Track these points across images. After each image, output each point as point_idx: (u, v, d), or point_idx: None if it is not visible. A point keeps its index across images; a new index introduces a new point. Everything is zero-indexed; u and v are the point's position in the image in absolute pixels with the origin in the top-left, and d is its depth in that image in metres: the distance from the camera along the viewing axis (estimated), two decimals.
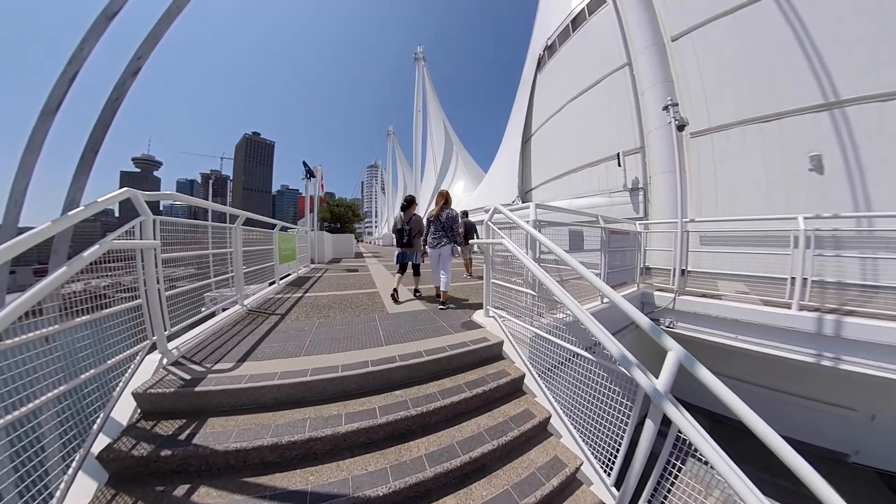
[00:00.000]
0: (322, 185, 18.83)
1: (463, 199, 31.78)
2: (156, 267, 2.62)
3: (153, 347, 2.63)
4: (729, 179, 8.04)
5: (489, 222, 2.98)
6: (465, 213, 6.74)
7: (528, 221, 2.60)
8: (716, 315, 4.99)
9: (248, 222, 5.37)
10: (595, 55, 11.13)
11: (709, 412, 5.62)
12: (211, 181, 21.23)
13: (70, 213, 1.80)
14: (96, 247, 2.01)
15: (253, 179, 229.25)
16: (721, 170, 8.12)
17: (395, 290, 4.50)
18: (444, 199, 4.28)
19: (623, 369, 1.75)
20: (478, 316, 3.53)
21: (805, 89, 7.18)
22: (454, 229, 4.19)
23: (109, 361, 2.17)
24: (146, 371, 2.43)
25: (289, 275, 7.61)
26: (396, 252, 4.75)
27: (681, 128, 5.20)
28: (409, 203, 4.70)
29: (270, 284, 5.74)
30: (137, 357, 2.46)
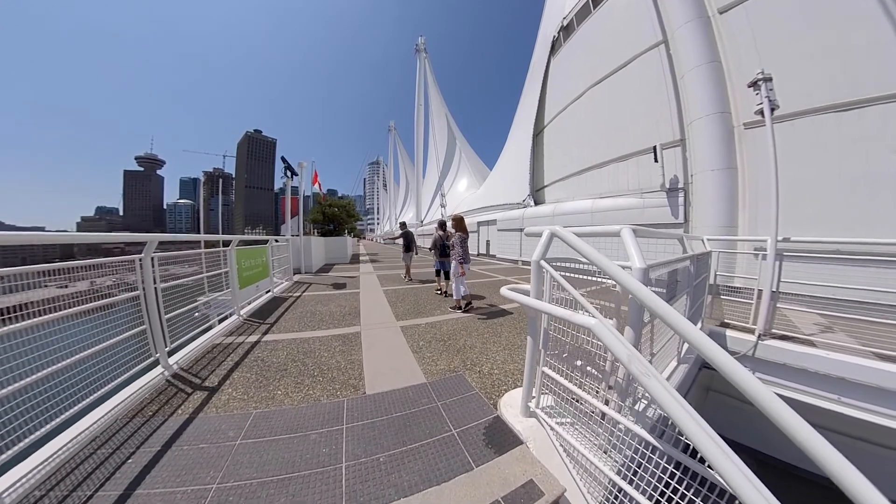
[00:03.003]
0: (318, 184, 17.51)
1: (467, 197, 30.39)
2: None
3: None
4: (793, 181, 6.61)
5: (542, 262, 1.64)
6: (443, 225, 6.61)
7: (626, 269, 1.28)
8: (814, 370, 3.65)
9: (206, 240, 4.08)
10: (622, 33, 9.64)
11: (754, 451, 4.20)
12: (200, 182, 20.05)
13: None
14: None
15: (255, 177, 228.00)
16: (783, 169, 6.67)
17: (442, 289, 6.45)
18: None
19: None
20: (510, 411, 2.18)
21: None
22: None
23: None
24: None
25: (269, 292, 6.34)
26: (437, 262, 6.45)
27: (773, 110, 3.83)
28: (441, 226, 6.42)
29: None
30: None
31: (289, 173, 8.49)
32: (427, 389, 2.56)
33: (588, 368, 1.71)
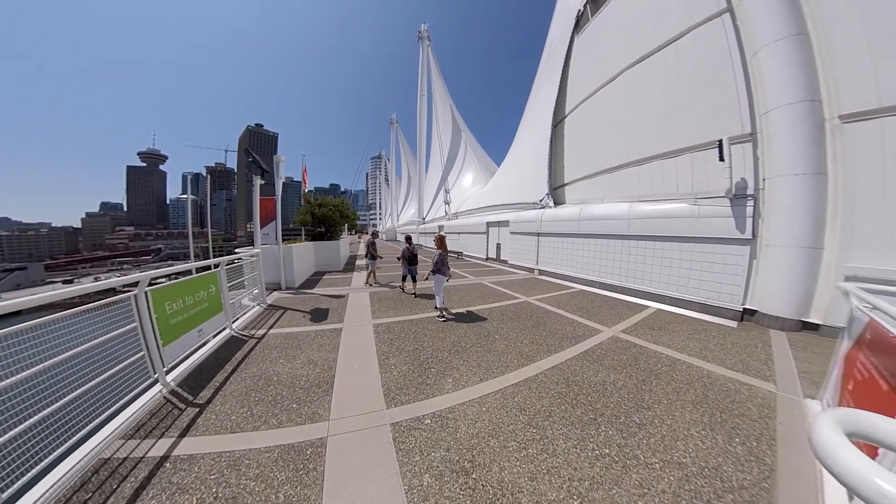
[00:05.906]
0: (305, 180, 15.92)
1: (472, 193, 28.76)
2: None
3: None
4: None
5: None
6: (409, 239, 8.26)
7: None
8: None
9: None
10: (670, 0, 7.97)
11: None
12: (189, 179, 19.12)
13: None
14: None
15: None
16: (894, 175, 5.09)
17: (402, 287, 8.29)
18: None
19: None
20: None
21: None
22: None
23: None
24: None
25: (225, 329, 4.80)
26: (405, 269, 7.85)
27: None
28: (408, 239, 8.20)
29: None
30: None
31: (254, 168, 6.84)
32: None
33: None
